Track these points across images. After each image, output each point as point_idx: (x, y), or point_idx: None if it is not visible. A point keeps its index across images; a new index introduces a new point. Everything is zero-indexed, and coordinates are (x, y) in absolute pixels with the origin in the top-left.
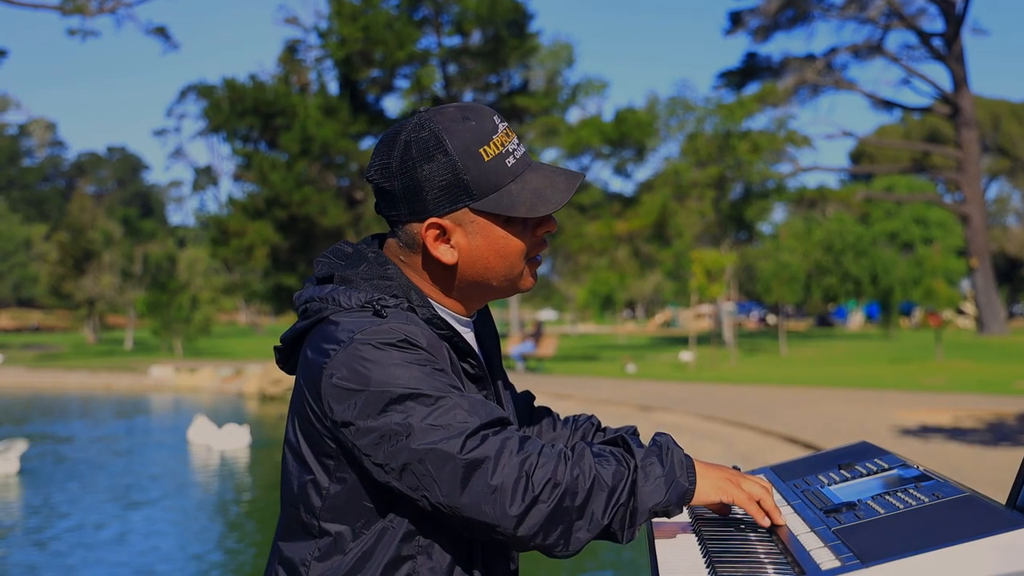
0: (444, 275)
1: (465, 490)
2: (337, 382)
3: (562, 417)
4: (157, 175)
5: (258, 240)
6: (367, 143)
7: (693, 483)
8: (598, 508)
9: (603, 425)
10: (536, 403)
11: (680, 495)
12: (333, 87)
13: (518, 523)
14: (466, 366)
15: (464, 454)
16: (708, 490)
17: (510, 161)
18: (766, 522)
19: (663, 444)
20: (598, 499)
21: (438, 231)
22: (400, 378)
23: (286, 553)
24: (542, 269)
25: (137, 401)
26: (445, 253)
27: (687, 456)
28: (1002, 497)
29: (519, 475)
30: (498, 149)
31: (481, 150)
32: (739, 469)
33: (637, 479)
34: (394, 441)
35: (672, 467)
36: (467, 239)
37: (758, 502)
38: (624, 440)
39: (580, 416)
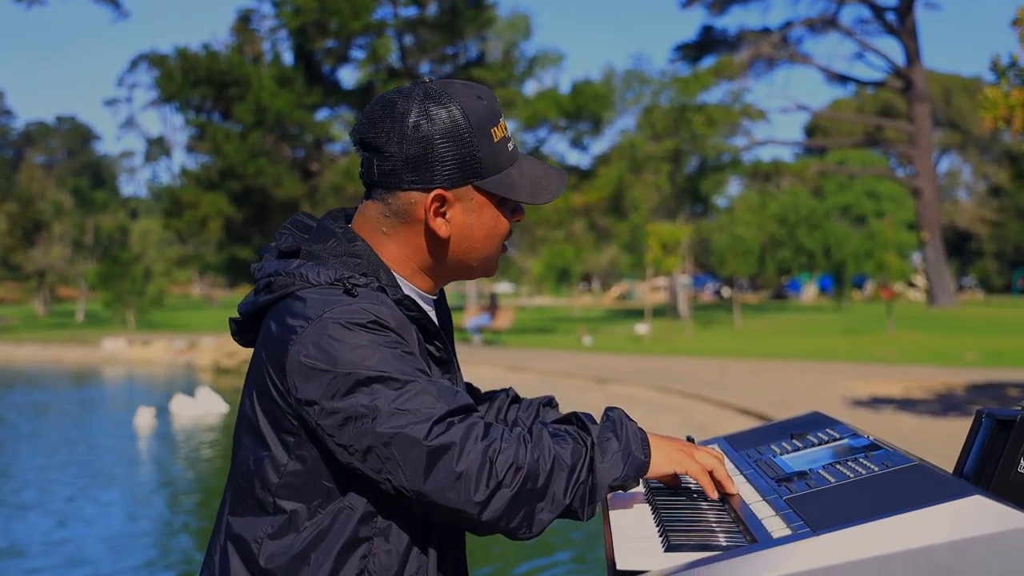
0: (432, 248)
1: (430, 476)
2: (304, 360)
3: (482, 392)
4: (108, 145)
5: (212, 212)
6: (322, 114)
7: (648, 455)
8: (559, 488)
9: (520, 397)
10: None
11: (637, 468)
12: (288, 57)
13: (482, 508)
14: (432, 348)
15: (430, 440)
16: (662, 462)
17: (510, 146)
18: (715, 494)
19: (616, 419)
20: (559, 479)
21: (440, 203)
22: (368, 360)
23: (236, 529)
24: None
25: (90, 373)
26: (441, 226)
27: (640, 429)
28: (950, 466)
29: (483, 461)
30: (503, 132)
31: (492, 130)
32: (693, 440)
33: (595, 456)
34: (359, 423)
35: (627, 441)
36: (464, 215)
37: (711, 472)
38: (577, 417)
39: (497, 392)
